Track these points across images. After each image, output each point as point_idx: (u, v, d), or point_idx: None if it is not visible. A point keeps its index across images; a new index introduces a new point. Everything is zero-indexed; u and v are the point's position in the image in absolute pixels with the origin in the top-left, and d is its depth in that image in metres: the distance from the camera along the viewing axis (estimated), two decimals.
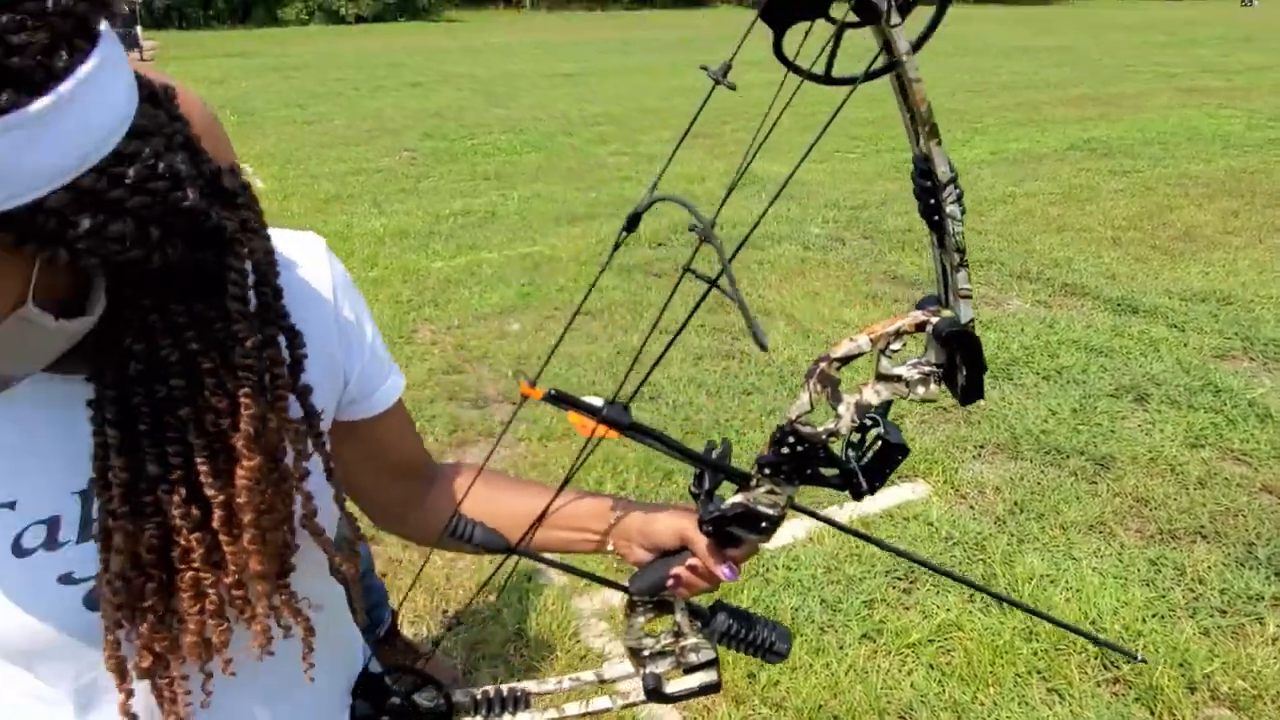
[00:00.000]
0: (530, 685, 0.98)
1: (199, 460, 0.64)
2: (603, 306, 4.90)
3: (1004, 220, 6.41)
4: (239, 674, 0.74)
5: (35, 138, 0.50)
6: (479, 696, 0.97)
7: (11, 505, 0.68)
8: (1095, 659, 2.41)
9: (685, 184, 7.61)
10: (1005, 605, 2.58)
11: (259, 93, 13.59)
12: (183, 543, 0.66)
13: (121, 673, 0.69)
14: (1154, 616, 2.56)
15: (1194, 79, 13.50)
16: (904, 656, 2.43)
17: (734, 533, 0.83)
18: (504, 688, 0.97)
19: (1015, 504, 3.10)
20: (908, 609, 2.62)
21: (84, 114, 0.52)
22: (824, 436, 0.77)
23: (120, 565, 0.65)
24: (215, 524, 0.66)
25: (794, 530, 2.98)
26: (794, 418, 0.77)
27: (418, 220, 6.66)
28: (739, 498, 0.82)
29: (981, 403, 3.78)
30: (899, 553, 1.01)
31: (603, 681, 1.00)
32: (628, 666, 0.97)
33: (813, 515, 0.94)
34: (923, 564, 1.03)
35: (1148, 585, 2.69)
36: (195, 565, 0.67)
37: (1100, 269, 5.37)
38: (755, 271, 5.43)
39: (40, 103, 0.50)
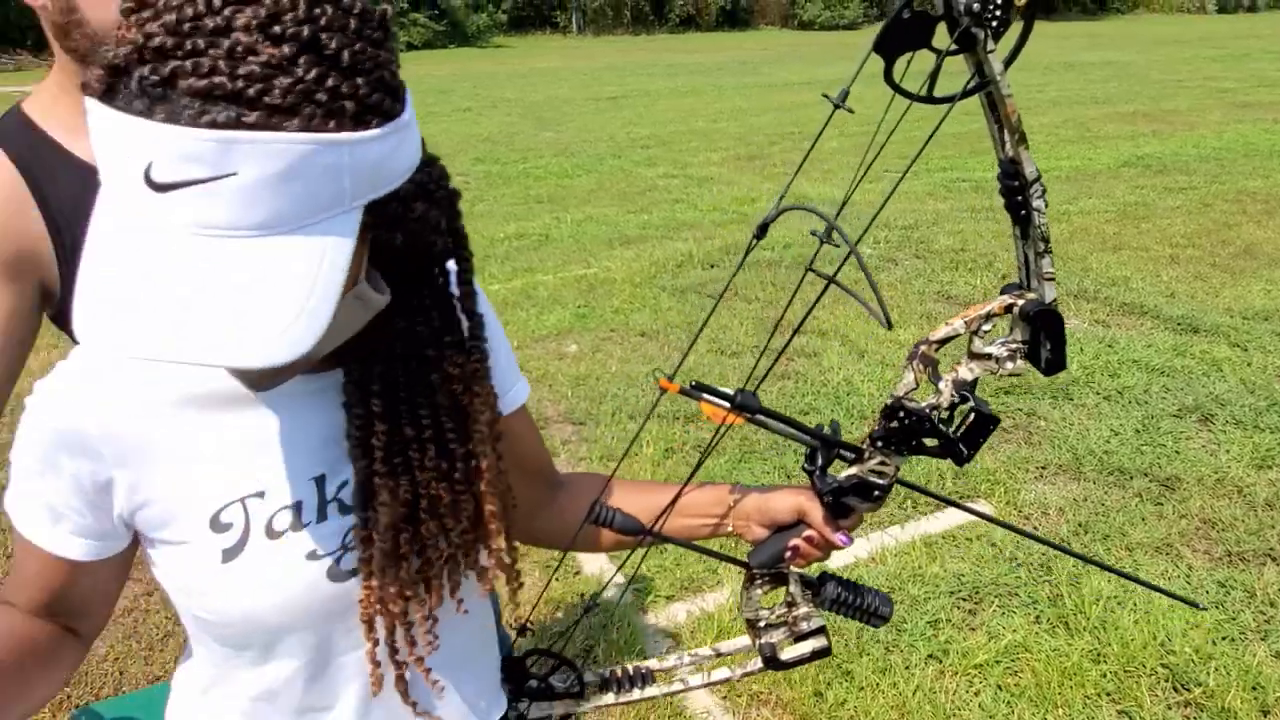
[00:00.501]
0: (653, 663, 1.07)
1: (444, 419, 0.77)
2: (659, 328, 4.97)
3: (1059, 239, 6.37)
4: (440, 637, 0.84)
5: (404, 140, 0.63)
6: (607, 675, 1.06)
7: (261, 494, 0.78)
8: (1165, 681, 2.40)
9: (737, 205, 7.67)
10: (1071, 629, 2.58)
11: None
12: (431, 492, 0.77)
13: (372, 623, 0.79)
14: (1224, 639, 2.54)
15: (1248, 94, 13.27)
16: (971, 677, 2.44)
17: (847, 503, 0.93)
18: (629, 666, 1.06)
19: (1080, 525, 3.09)
20: (973, 630, 2.62)
21: (415, 123, 0.66)
22: (928, 410, 0.88)
23: (388, 517, 0.76)
24: (458, 475, 0.78)
25: (856, 551, 3.01)
26: (902, 394, 0.88)
27: (474, 243, 6.75)
28: (853, 470, 0.93)
29: (1042, 424, 3.78)
30: (1043, 541, 1.08)
31: (719, 655, 1.10)
32: (741, 642, 1.07)
33: (923, 492, 1.04)
34: (1059, 548, 1.09)
35: (1218, 608, 2.67)
36: (441, 513, 0.78)
37: (1159, 287, 5.32)
38: (806, 291, 5.45)
39: (407, 112, 0.63)
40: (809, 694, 2.37)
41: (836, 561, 2.95)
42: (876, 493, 0.92)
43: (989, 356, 0.89)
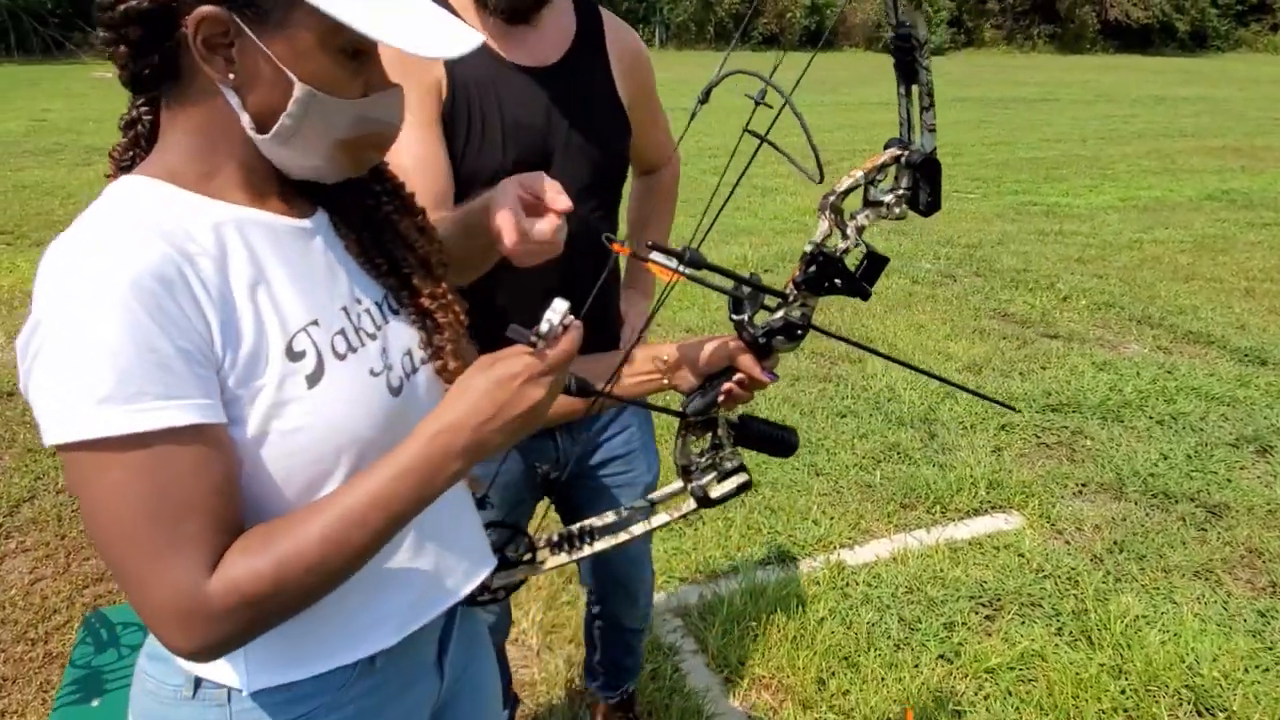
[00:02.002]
0: (594, 521, 1.20)
1: (406, 240, 0.98)
2: (704, 324, 4.96)
3: (1128, 265, 6.19)
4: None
5: None
6: (557, 539, 1.18)
7: (316, 323, 0.85)
8: (1188, 704, 2.30)
9: (798, 215, 7.62)
10: (1093, 642, 2.49)
11: None
12: (432, 292, 0.98)
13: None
14: (1257, 668, 2.42)
15: None
16: (981, 680, 2.37)
17: (773, 344, 1.08)
18: (574, 528, 1.18)
19: (1115, 543, 2.99)
20: (990, 635, 2.55)
21: None
22: (839, 254, 1.04)
23: (435, 305, 0.97)
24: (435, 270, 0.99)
25: (878, 550, 2.95)
26: (819, 241, 1.03)
27: None
28: (779, 315, 1.07)
29: (1088, 443, 3.67)
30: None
31: (654, 504, 1.26)
32: (673, 487, 1.22)
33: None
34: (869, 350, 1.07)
35: (1254, 636, 2.55)
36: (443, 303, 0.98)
37: (1230, 319, 5.12)
38: (859, 301, 5.38)
39: None
40: (811, 680, 2.33)
41: (857, 559, 2.90)
42: (799, 331, 1.07)
43: (880, 203, 1.05)
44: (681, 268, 0.99)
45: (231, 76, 0.79)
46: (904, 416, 3.88)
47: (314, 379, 0.83)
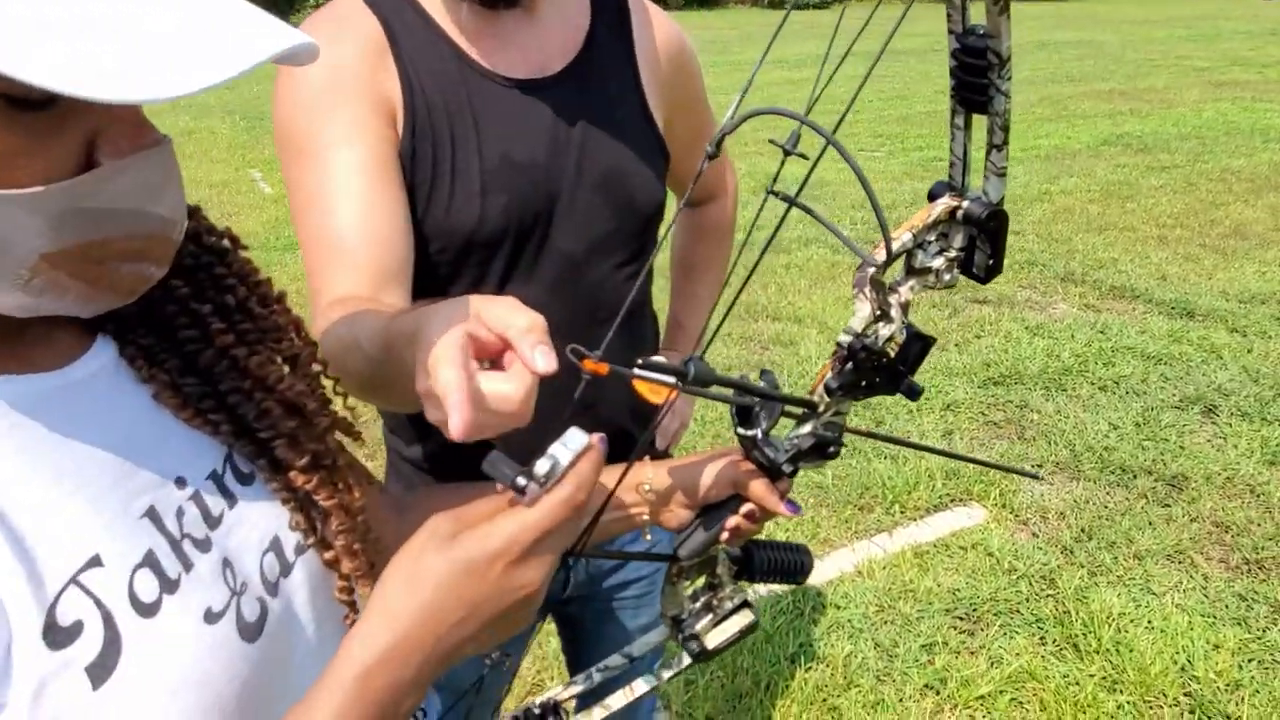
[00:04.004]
0: (557, 692, 0.89)
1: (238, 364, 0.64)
2: None
3: (1041, 219, 6.12)
4: None
5: None
6: None
7: (97, 560, 0.51)
8: (1190, 713, 2.14)
9: None
10: (1081, 651, 2.31)
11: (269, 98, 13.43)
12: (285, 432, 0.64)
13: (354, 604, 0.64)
14: (1251, 662, 2.28)
15: (1224, 72, 13.12)
16: (973, 711, 2.16)
17: (797, 469, 0.81)
18: (535, 702, 0.88)
19: (1082, 530, 2.83)
20: (973, 653, 2.35)
21: None
22: (883, 344, 0.76)
23: (304, 478, 0.63)
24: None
25: (840, 564, 2.72)
26: (859, 330, 0.76)
27: None
28: (807, 428, 0.80)
29: (1035, 417, 3.52)
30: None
31: (632, 660, 0.95)
32: (652, 638, 0.94)
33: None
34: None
35: (1240, 624, 2.41)
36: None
37: (1149, 270, 5.07)
38: (783, 276, 5.17)
39: None
40: None
41: (820, 577, 2.66)
42: (831, 448, 0.80)
43: (928, 270, 0.79)
44: (682, 386, 0.68)
45: None
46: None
47: (101, 670, 0.49)
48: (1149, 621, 2.41)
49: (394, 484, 1.22)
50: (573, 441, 0.53)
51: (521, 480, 0.52)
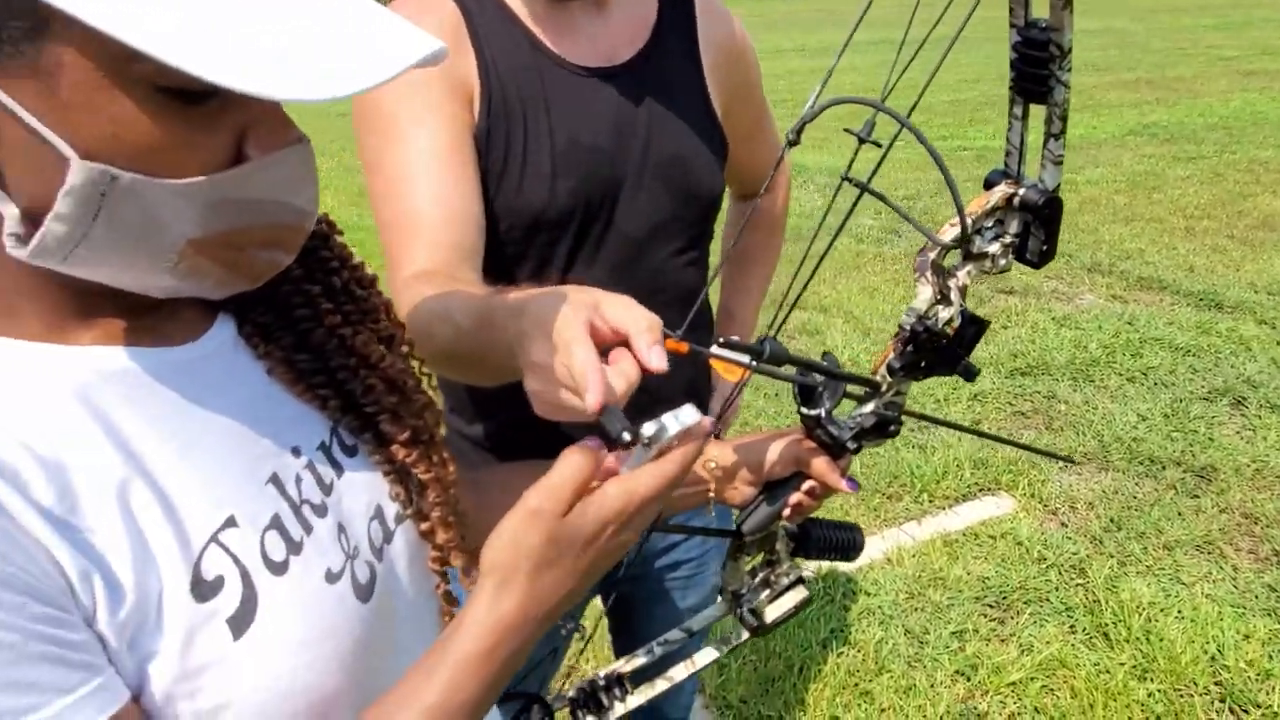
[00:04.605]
0: (621, 665, 0.94)
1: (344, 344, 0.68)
2: None
3: (1068, 209, 5.98)
4: None
5: None
6: (576, 697, 0.93)
7: (233, 520, 0.55)
8: (1220, 701, 2.16)
9: None
10: (1111, 640, 2.33)
11: None
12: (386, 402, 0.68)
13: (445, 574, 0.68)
14: None
15: (1252, 62, 12.97)
16: (1004, 697, 2.19)
17: (861, 446, 0.85)
18: (600, 677, 0.93)
19: (1111, 520, 2.84)
20: (1003, 641, 2.37)
21: None
22: (943, 327, 0.80)
23: (405, 451, 0.66)
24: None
25: (870, 551, 2.74)
26: (922, 312, 0.79)
27: None
28: (869, 408, 0.84)
29: (1063, 407, 3.53)
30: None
31: (691, 634, 0.98)
32: (710, 614, 0.97)
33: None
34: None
35: (1270, 615, 2.42)
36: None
37: (1176, 261, 5.05)
38: (808, 265, 5.17)
39: None
40: (825, 718, 2.11)
41: (854, 564, 2.68)
42: (892, 427, 0.85)
43: (985, 255, 0.83)
44: (756, 364, 0.71)
45: None
46: None
47: (241, 621, 0.52)
48: (1179, 611, 2.43)
49: None
50: (684, 415, 0.56)
51: (626, 435, 0.55)
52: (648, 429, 0.55)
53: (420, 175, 0.94)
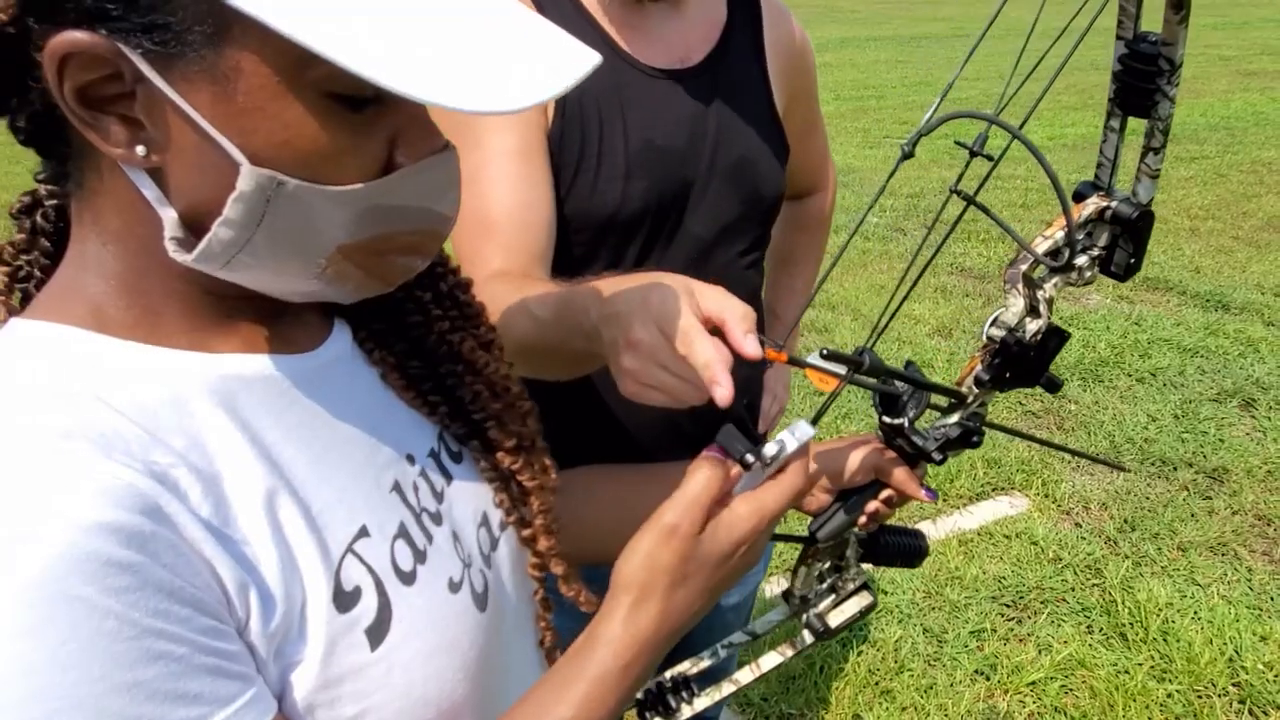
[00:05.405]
0: (687, 667, 0.92)
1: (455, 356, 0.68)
2: None
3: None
4: None
5: None
6: (643, 699, 0.90)
7: (365, 530, 0.55)
8: (1239, 703, 2.17)
9: None
10: (1129, 641, 2.34)
11: None
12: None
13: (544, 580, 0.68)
14: None
15: (1252, 61, 13.00)
16: (1023, 697, 2.20)
17: (945, 458, 0.84)
18: (665, 678, 0.91)
19: (1125, 521, 2.85)
20: (1021, 641, 2.38)
21: None
22: (1032, 339, 0.79)
23: (512, 458, 0.66)
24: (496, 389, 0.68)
25: None
26: (1013, 324, 0.79)
27: None
28: (954, 418, 0.84)
29: (1073, 408, 3.54)
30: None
31: (755, 637, 0.97)
32: (773, 617, 0.96)
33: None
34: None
35: None
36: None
37: (1182, 262, 5.07)
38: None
39: None
40: (847, 716, 2.12)
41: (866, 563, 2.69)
42: (975, 437, 0.84)
43: (1072, 268, 0.81)
44: (851, 376, 0.71)
45: (140, 152, 0.46)
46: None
47: (378, 632, 0.52)
48: (1195, 613, 2.44)
49: None
50: (799, 431, 0.56)
51: (750, 458, 0.55)
52: (769, 450, 0.55)
53: (496, 177, 0.94)
